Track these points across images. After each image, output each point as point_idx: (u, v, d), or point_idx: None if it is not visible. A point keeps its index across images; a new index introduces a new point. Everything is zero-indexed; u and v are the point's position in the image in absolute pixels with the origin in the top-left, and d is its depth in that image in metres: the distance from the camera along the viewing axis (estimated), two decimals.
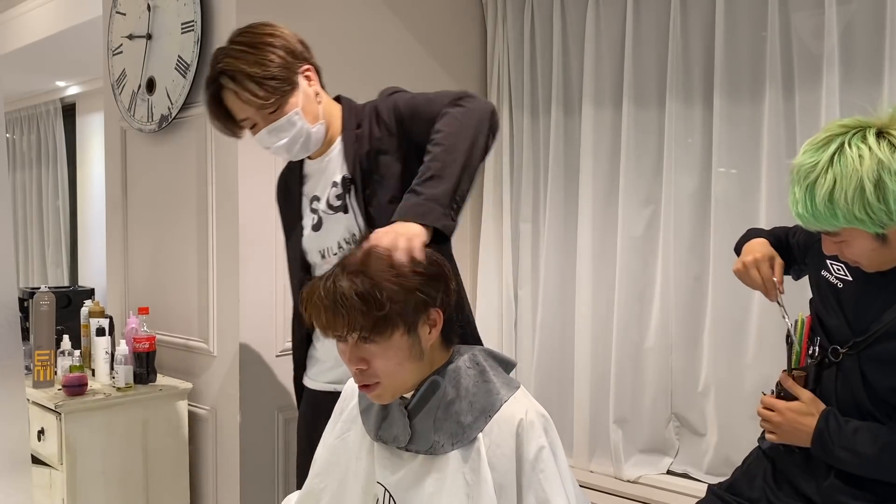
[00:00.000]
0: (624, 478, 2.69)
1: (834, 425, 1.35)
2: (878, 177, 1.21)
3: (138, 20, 2.66)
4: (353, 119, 1.68)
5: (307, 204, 1.74)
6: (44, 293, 2.48)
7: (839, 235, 1.30)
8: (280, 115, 1.59)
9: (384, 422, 1.27)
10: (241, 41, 1.60)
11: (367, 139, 1.63)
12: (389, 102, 1.64)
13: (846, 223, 1.24)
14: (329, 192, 1.69)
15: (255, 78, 1.55)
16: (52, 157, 5.38)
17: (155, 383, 2.49)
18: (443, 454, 1.20)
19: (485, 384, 1.22)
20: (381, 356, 1.18)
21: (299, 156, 1.67)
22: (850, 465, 1.35)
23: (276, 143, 1.61)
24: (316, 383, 1.79)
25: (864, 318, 1.35)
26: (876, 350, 1.33)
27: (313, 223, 1.71)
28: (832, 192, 1.23)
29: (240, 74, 1.55)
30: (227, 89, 1.58)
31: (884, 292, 1.34)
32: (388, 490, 1.25)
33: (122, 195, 2.87)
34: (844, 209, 1.23)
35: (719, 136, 2.48)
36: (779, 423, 1.42)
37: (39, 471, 2.33)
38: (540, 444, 1.18)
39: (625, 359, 2.70)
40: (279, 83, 1.57)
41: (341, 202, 1.66)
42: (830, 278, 1.43)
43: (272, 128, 1.59)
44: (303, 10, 2.50)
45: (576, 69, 2.85)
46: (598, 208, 2.77)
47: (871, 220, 1.22)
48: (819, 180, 1.26)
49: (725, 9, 2.46)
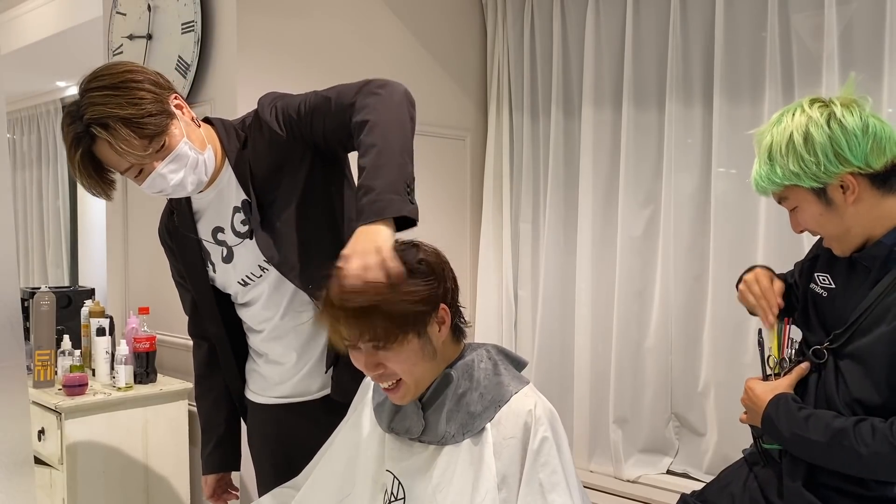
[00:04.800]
0: (624, 478, 2.69)
1: (784, 409, 1.35)
2: (807, 130, 1.32)
3: (138, 20, 2.67)
4: (233, 139, 1.56)
5: (210, 239, 1.61)
6: (44, 293, 2.48)
7: (788, 201, 1.39)
8: (168, 151, 1.43)
9: (397, 415, 1.29)
10: (100, 85, 1.39)
11: (261, 156, 1.54)
12: (271, 111, 1.53)
13: (785, 179, 1.35)
14: (232, 220, 1.57)
15: (132, 120, 1.37)
16: (52, 157, 5.38)
17: (155, 383, 2.49)
18: (453, 444, 1.21)
19: (496, 377, 1.25)
20: (395, 360, 1.20)
21: (197, 189, 1.52)
22: (801, 451, 1.34)
23: (172, 182, 1.45)
24: (264, 398, 1.71)
25: (842, 318, 1.35)
26: (852, 348, 1.32)
27: (223, 256, 1.60)
28: (770, 149, 1.36)
29: (112, 120, 1.36)
30: (100, 140, 1.38)
31: (859, 290, 1.34)
32: (396, 477, 1.26)
33: (123, 195, 2.87)
34: (781, 164, 1.34)
35: (719, 137, 2.49)
36: (745, 403, 1.44)
37: (39, 471, 2.33)
38: (544, 436, 1.19)
39: (625, 358, 2.70)
40: (158, 118, 1.40)
41: (247, 227, 1.55)
42: (817, 289, 1.45)
43: (162, 167, 1.43)
44: (303, 10, 2.51)
45: (576, 70, 2.85)
46: (597, 209, 2.78)
47: (805, 174, 1.32)
48: (763, 143, 1.39)
49: (725, 9, 2.46)
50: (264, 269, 1.58)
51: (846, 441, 1.25)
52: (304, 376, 1.64)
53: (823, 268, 1.45)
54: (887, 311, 1.27)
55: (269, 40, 2.44)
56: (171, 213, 1.68)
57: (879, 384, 1.27)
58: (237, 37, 2.37)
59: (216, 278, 1.64)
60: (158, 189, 1.46)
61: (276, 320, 1.61)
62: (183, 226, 1.63)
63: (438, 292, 1.21)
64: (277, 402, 1.68)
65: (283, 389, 1.66)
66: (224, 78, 2.42)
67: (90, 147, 1.40)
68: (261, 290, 1.60)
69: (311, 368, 1.63)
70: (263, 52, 2.43)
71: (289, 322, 1.61)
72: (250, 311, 1.65)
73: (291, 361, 1.64)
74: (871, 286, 1.32)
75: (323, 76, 2.54)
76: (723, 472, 1.60)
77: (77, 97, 1.42)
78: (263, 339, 1.66)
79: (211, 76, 2.46)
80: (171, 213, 1.68)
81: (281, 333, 1.63)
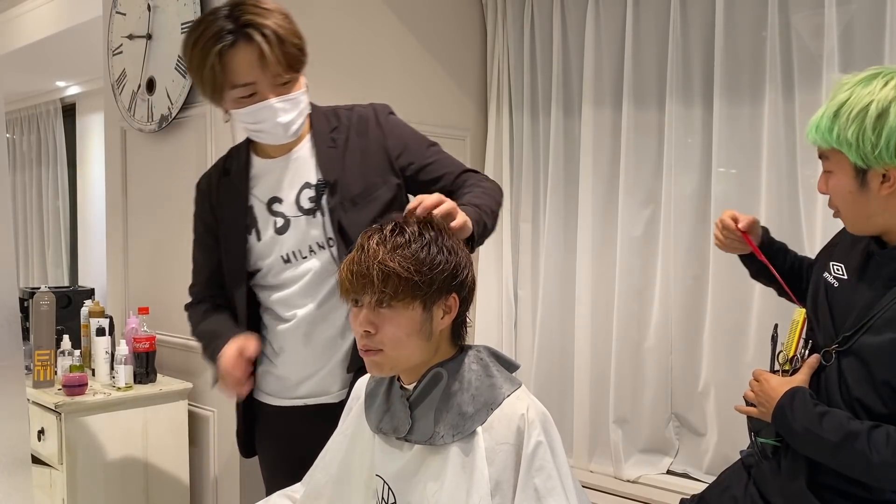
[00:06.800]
0: (624, 478, 2.69)
1: (800, 402, 1.32)
2: (887, 107, 1.22)
3: (138, 20, 2.67)
4: (321, 120, 1.61)
5: (262, 207, 1.61)
6: (44, 293, 2.48)
7: (828, 161, 1.32)
8: (288, 91, 1.50)
9: (386, 414, 1.28)
10: (268, 7, 1.47)
11: (355, 152, 1.57)
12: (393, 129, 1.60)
13: (836, 142, 1.27)
14: (300, 194, 1.59)
15: (287, 43, 1.46)
16: (52, 158, 5.39)
17: (155, 383, 2.49)
18: (442, 445, 1.20)
19: (488, 378, 1.23)
20: (393, 322, 1.18)
21: (287, 139, 1.56)
22: (809, 448, 1.31)
23: (281, 119, 1.50)
24: (280, 400, 1.67)
25: (849, 315, 1.33)
26: (857, 345, 1.29)
27: (277, 226, 1.59)
28: (841, 107, 1.27)
29: (271, 31, 1.44)
30: (248, 43, 1.44)
31: (870, 286, 1.32)
32: (386, 482, 1.25)
33: (122, 195, 2.87)
34: (841, 126, 1.26)
35: (719, 137, 2.48)
36: (757, 394, 1.41)
37: (39, 471, 2.33)
38: (538, 440, 1.17)
39: (625, 358, 2.70)
40: (302, 59, 1.51)
41: (314, 205, 1.57)
42: (829, 278, 1.42)
43: (278, 101, 1.49)
44: (303, 10, 2.50)
45: (576, 69, 2.85)
46: (597, 208, 2.77)
47: (857, 148, 1.25)
48: (838, 97, 1.28)
49: (725, 9, 2.46)
50: (314, 251, 1.58)
51: (858, 445, 1.23)
52: (326, 375, 1.61)
53: (840, 257, 1.42)
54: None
55: None
56: (224, 171, 1.67)
57: (878, 388, 1.25)
58: None
59: (257, 248, 1.62)
60: (259, 119, 1.49)
61: (310, 307, 1.58)
62: (237, 188, 1.63)
63: (457, 280, 1.21)
64: (295, 403, 1.64)
65: (302, 389, 1.63)
66: None
67: (230, 46, 1.44)
68: (303, 270, 1.58)
69: (334, 368, 1.61)
70: None
71: (324, 312, 1.58)
72: (284, 293, 1.61)
73: (314, 356, 1.60)
74: (884, 285, 1.30)
75: (323, 76, 2.54)
76: (722, 474, 1.59)
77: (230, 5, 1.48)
78: (289, 328, 1.60)
79: None
80: (226, 172, 1.66)
81: (312, 323, 1.59)
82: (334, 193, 1.56)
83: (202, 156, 2.49)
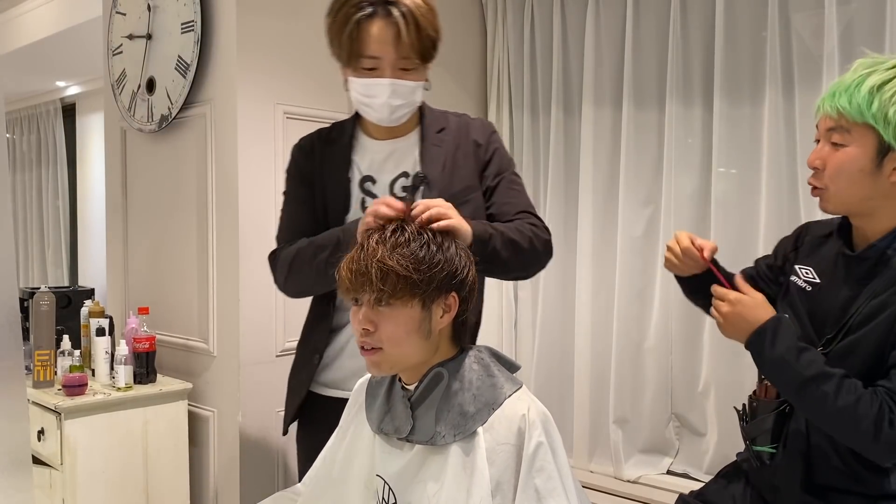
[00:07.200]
0: (624, 478, 2.69)
1: (784, 330, 1.31)
2: None
3: (138, 20, 2.67)
4: (432, 120, 1.64)
5: (355, 182, 1.62)
6: (44, 293, 2.48)
7: (847, 133, 1.28)
8: (411, 77, 1.52)
9: (387, 415, 1.28)
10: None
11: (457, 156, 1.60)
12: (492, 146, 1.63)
13: (871, 119, 1.24)
14: (395, 181, 1.60)
15: (423, 32, 1.49)
16: (52, 158, 5.38)
17: (155, 383, 2.49)
18: (443, 445, 1.20)
19: (489, 378, 1.23)
20: (392, 321, 1.18)
21: (390, 122, 1.57)
22: (777, 376, 1.31)
23: (389, 99, 1.51)
24: (333, 391, 1.66)
25: (828, 319, 1.33)
26: (841, 347, 1.29)
27: (366, 205, 1.59)
28: (885, 84, 1.24)
29: (413, 16, 1.48)
30: (389, 18, 1.47)
31: (845, 287, 1.32)
32: (387, 482, 1.25)
33: (122, 195, 2.87)
34: (884, 103, 1.23)
35: (719, 137, 2.48)
36: (727, 314, 1.38)
37: (39, 471, 2.33)
38: (539, 441, 1.17)
39: (625, 358, 2.70)
40: (433, 52, 1.54)
41: (407, 195, 1.58)
42: (799, 282, 1.41)
43: (400, 84, 1.51)
44: (303, 10, 2.50)
45: (576, 69, 2.85)
46: (598, 208, 2.78)
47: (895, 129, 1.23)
48: (878, 72, 1.25)
49: (725, 9, 2.46)
50: None
51: (828, 386, 1.23)
52: None
53: (805, 260, 1.43)
54: (875, 312, 1.25)
55: (269, 40, 2.44)
56: (328, 140, 1.67)
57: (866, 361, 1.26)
58: (237, 37, 2.37)
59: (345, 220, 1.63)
60: (371, 94, 1.52)
61: None
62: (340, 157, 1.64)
63: (456, 279, 1.21)
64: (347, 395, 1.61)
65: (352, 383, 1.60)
66: (224, 78, 2.42)
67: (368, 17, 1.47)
68: None
69: None
70: (263, 52, 2.43)
71: None
72: None
73: None
74: (858, 283, 1.30)
75: (323, 76, 2.54)
76: (721, 472, 1.59)
77: None
78: None
79: (210, 76, 2.46)
80: (330, 141, 1.67)
81: None
82: (431, 189, 1.57)
83: (202, 156, 2.49)
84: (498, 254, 1.48)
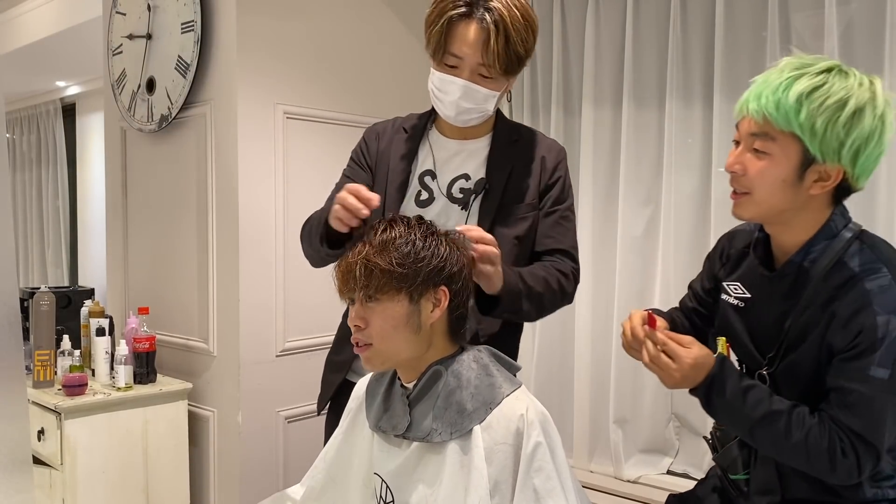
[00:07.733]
0: (624, 478, 2.69)
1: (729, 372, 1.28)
2: (862, 108, 1.17)
3: (138, 20, 2.67)
4: (506, 130, 1.64)
5: (415, 175, 1.63)
6: (44, 293, 2.48)
7: (771, 141, 1.21)
8: (488, 85, 1.52)
9: (385, 413, 1.28)
10: (518, 6, 1.50)
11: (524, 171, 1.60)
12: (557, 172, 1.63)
13: (798, 129, 1.18)
14: (455, 181, 1.60)
15: (511, 43, 1.48)
16: (52, 158, 5.39)
17: (155, 383, 2.49)
18: (440, 444, 1.20)
19: (488, 377, 1.23)
20: (380, 315, 1.20)
21: (454, 122, 1.57)
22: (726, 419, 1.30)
23: (459, 100, 1.52)
24: None
25: (766, 334, 1.32)
26: (784, 365, 1.28)
27: (421, 198, 1.61)
28: (813, 91, 1.18)
29: (504, 26, 1.47)
30: (481, 21, 1.47)
31: (776, 301, 1.30)
32: (384, 481, 1.26)
33: (122, 195, 2.87)
34: (812, 112, 1.17)
35: (719, 136, 2.48)
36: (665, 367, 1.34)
37: (39, 471, 2.33)
38: (537, 441, 1.17)
39: (625, 359, 2.70)
40: (517, 67, 1.54)
41: (464, 197, 1.58)
42: (731, 300, 1.39)
43: (473, 88, 1.51)
44: (303, 10, 2.50)
45: (576, 69, 2.85)
46: (598, 208, 2.77)
47: (821, 140, 1.17)
48: (807, 77, 1.19)
49: (725, 9, 2.46)
50: None
51: (779, 425, 1.22)
52: None
53: (731, 276, 1.41)
54: (806, 329, 1.24)
55: (269, 40, 2.44)
56: (402, 129, 1.68)
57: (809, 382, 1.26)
58: (237, 37, 2.37)
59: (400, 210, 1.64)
60: (443, 90, 1.53)
61: None
62: (409, 145, 1.65)
63: (445, 273, 1.21)
64: None
65: None
66: (224, 78, 2.42)
67: (460, 17, 1.48)
68: None
69: None
70: (263, 52, 2.43)
71: None
72: None
73: None
74: (784, 300, 1.28)
75: (323, 76, 2.54)
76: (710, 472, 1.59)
77: None
78: None
79: (211, 76, 2.46)
80: (403, 129, 1.68)
81: None
82: (488, 198, 1.58)
83: (202, 156, 2.50)
84: (520, 309, 1.49)
